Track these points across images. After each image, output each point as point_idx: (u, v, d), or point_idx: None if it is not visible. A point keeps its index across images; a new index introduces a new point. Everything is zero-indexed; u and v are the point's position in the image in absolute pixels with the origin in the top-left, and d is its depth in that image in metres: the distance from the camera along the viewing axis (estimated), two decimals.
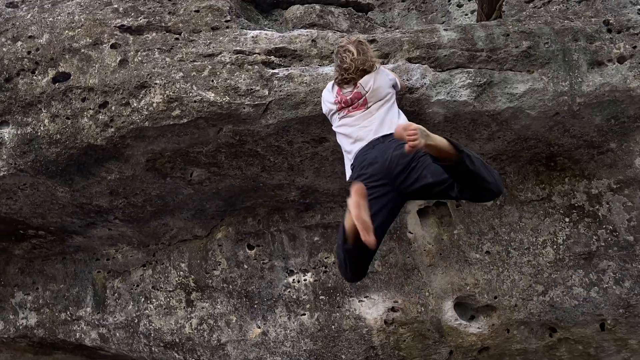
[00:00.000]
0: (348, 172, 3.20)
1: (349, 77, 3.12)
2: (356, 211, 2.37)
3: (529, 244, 4.12)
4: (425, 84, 3.52)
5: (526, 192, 4.16)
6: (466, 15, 4.99)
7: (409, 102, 3.51)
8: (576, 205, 4.07)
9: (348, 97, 3.14)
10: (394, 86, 3.27)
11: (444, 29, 3.72)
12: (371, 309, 4.37)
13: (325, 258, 4.47)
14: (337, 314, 4.40)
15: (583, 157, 4.00)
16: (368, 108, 3.12)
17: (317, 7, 4.11)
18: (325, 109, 3.35)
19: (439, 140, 2.46)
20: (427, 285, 4.29)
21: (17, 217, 4.33)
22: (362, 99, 3.12)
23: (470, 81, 3.55)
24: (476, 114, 3.59)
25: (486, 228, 4.22)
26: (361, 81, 3.12)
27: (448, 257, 4.27)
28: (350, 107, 3.14)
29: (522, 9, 4.50)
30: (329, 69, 3.54)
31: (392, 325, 4.29)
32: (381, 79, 3.17)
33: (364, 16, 4.34)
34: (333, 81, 3.29)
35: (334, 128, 3.30)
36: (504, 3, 4.12)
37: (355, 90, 3.13)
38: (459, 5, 5.11)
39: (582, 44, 3.62)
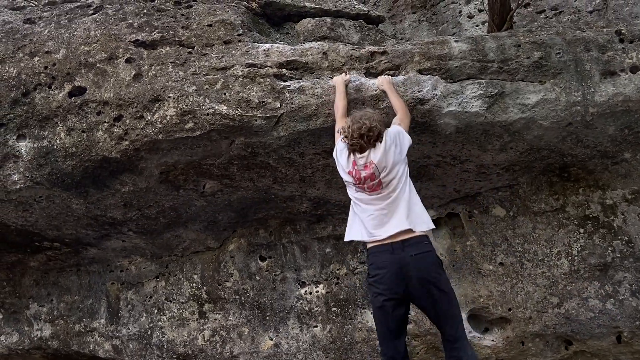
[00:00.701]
0: (351, 231, 3.20)
1: (357, 147, 3.07)
2: None
3: (543, 255, 4.08)
4: (436, 95, 3.52)
5: (540, 203, 4.13)
6: (477, 26, 5.01)
7: (420, 113, 3.51)
8: (591, 216, 4.02)
9: (362, 175, 3.06)
10: (403, 147, 3.15)
11: (455, 41, 3.73)
12: None
13: (337, 270, 4.47)
14: (350, 326, 4.38)
15: (597, 168, 3.96)
16: (383, 190, 3.05)
17: (328, 20, 4.14)
18: (339, 169, 3.24)
19: None
20: None
21: (33, 229, 4.38)
22: (376, 181, 3.04)
23: (482, 92, 3.54)
24: (488, 124, 3.59)
25: (499, 239, 4.19)
26: (372, 158, 3.05)
27: (461, 269, 4.24)
28: (366, 187, 3.08)
29: (534, 20, 4.50)
30: None
31: None
32: (391, 153, 3.07)
33: (374, 28, 4.36)
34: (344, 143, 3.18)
35: (349, 193, 3.23)
36: (515, 14, 4.13)
37: (369, 172, 3.05)
38: (470, 17, 5.13)
39: (594, 54, 3.60)
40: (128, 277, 4.88)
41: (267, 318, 4.54)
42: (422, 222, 3.05)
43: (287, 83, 3.56)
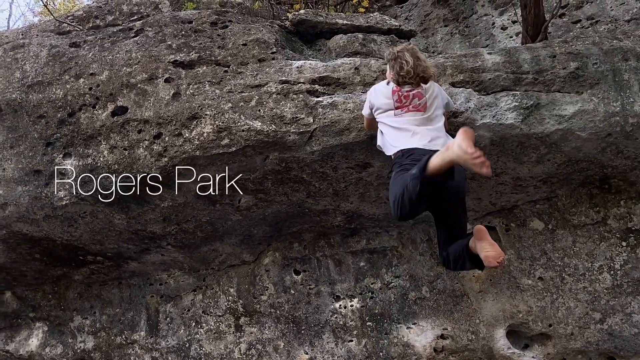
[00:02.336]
0: (387, 146, 3.14)
1: (408, 81, 3.09)
2: (466, 143, 2.48)
3: (584, 269, 3.97)
4: (469, 107, 3.51)
5: (579, 216, 4.03)
6: (511, 37, 4.97)
7: (454, 126, 3.49)
8: (633, 229, 3.90)
9: (410, 95, 3.08)
10: (447, 104, 3.30)
11: (488, 53, 3.71)
12: (420, 336, 4.30)
13: (372, 284, 4.46)
14: (385, 341, 4.35)
15: (639, 179, 3.85)
16: (427, 113, 3.08)
17: (360, 35, 4.19)
18: (376, 102, 3.21)
19: None
20: (478, 312, 4.19)
21: (78, 244, 4.55)
22: (423, 100, 3.08)
23: (517, 104, 3.51)
24: (524, 136, 3.54)
25: (538, 253, 4.10)
26: (423, 85, 3.11)
27: (499, 283, 4.17)
28: (411, 106, 3.08)
29: (569, 30, 4.44)
30: None
31: (442, 353, 4.20)
32: (440, 90, 3.24)
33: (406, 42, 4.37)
34: (387, 80, 3.22)
35: (382, 119, 3.19)
36: (549, 25, 4.08)
37: (417, 90, 3.09)
38: (503, 28, 5.09)
39: (632, 64, 3.52)
40: (167, 290, 4.99)
41: (302, 332, 4.55)
42: None
43: (320, 99, 3.62)
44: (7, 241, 4.44)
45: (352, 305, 4.48)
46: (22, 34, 4.63)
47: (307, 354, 4.52)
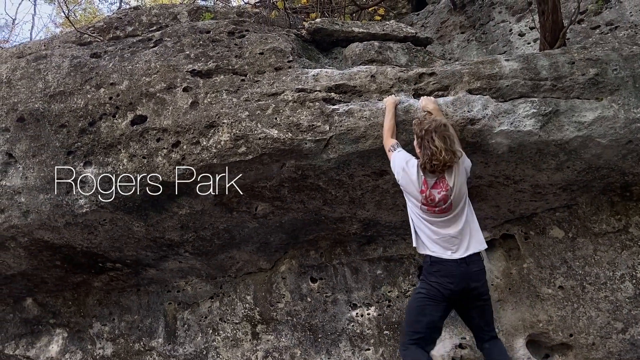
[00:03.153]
0: (417, 241, 3.35)
1: (436, 169, 3.13)
2: None
3: (605, 278, 3.89)
4: (487, 114, 3.48)
5: (600, 224, 3.96)
6: (529, 44, 4.93)
7: (471, 133, 3.48)
8: None
9: (435, 197, 3.17)
10: (467, 171, 3.29)
11: (505, 59, 3.69)
12: (438, 345, 4.24)
13: (389, 292, 4.43)
14: None
15: None
16: (451, 212, 3.20)
17: (376, 43, 4.19)
18: (401, 179, 3.28)
19: None
20: (497, 321, 4.13)
21: (97, 251, 4.61)
22: (448, 203, 3.17)
23: (535, 110, 3.47)
24: (542, 143, 3.50)
25: (558, 262, 4.04)
26: (448, 179, 3.16)
27: (518, 292, 4.11)
28: (436, 209, 3.19)
29: (588, 36, 4.39)
30: None
31: None
32: (462, 176, 3.22)
33: (422, 50, 4.37)
34: (415, 160, 3.24)
35: (408, 200, 3.33)
36: (567, 31, 4.04)
37: (443, 193, 3.15)
38: (521, 35, 5.05)
39: None
40: (184, 297, 5.02)
41: (319, 340, 4.54)
42: (480, 243, 3.27)
43: (336, 106, 3.63)
44: (29, 248, 4.52)
45: (369, 314, 4.45)
46: (44, 45, 4.74)
47: None
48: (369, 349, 4.38)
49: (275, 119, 3.68)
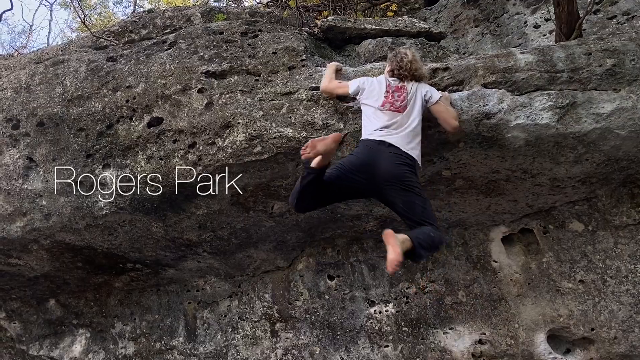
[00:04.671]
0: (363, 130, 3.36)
1: (402, 73, 3.39)
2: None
3: (627, 271, 3.84)
4: (503, 108, 3.45)
5: (621, 217, 3.90)
6: (544, 36, 4.86)
7: (487, 128, 3.45)
8: None
9: (396, 97, 3.33)
10: (431, 95, 3.37)
11: (520, 52, 3.65)
12: (457, 341, 4.24)
13: (407, 288, 4.42)
14: (422, 346, 4.31)
15: None
16: (403, 114, 3.28)
17: (389, 39, 4.18)
18: (368, 88, 3.42)
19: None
20: (516, 316, 4.10)
21: (117, 252, 4.68)
22: (403, 103, 3.32)
23: (552, 103, 3.43)
24: (560, 136, 3.46)
25: (578, 255, 3.99)
26: (407, 85, 3.37)
27: (537, 287, 4.07)
28: (392, 106, 3.32)
29: (604, 26, 4.32)
30: None
31: (480, 359, 4.13)
32: (422, 90, 3.38)
33: (436, 45, 4.35)
34: (380, 76, 3.48)
35: (366, 104, 3.39)
36: (583, 21, 3.98)
37: (403, 95, 3.34)
38: (536, 27, 4.99)
39: None
40: (204, 296, 5.07)
41: (338, 337, 4.55)
42: (410, 149, 3.22)
43: (350, 104, 3.63)
44: (51, 250, 4.61)
45: (387, 311, 4.45)
46: (61, 50, 4.81)
47: (343, 359, 4.52)
48: (387, 346, 4.38)
49: (290, 117, 3.69)
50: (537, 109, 3.45)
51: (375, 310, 4.49)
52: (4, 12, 5.83)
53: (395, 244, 2.78)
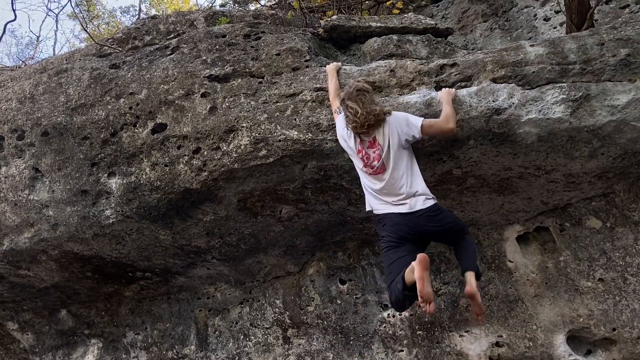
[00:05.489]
0: (368, 204, 3.37)
1: (363, 130, 3.20)
2: (420, 285, 2.75)
3: None
4: (513, 103, 3.35)
5: None
6: (555, 28, 4.74)
7: (497, 124, 3.35)
8: None
9: (371, 156, 3.23)
10: (411, 131, 3.22)
11: (530, 45, 3.54)
12: (473, 344, 4.12)
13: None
14: (437, 350, 4.19)
15: None
16: (388, 170, 3.19)
17: (395, 37, 4.09)
18: (342, 143, 3.36)
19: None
20: (534, 317, 3.98)
21: (126, 261, 4.64)
22: (380, 163, 3.20)
23: (564, 96, 3.32)
24: (573, 130, 3.35)
25: (597, 253, 3.86)
26: (378, 138, 3.21)
27: (555, 287, 3.95)
28: (372, 170, 3.24)
29: (617, 16, 4.19)
30: (409, 97, 3.49)
31: None
32: (395, 136, 3.20)
33: (443, 41, 4.25)
34: (346, 124, 3.29)
35: (348, 151, 3.36)
36: (595, 11, 3.86)
37: (377, 152, 3.21)
38: (546, 19, 4.87)
39: None
40: (214, 303, 5.01)
41: (351, 342, 4.46)
42: (427, 199, 3.21)
43: None
44: (60, 260, 4.58)
45: (400, 314, 4.35)
46: (66, 59, 4.80)
47: None
48: (402, 350, 4.28)
49: (295, 119, 3.62)
50: (549, 102, 3.34)
51: (388, 314, 4.39)
52: (7, 22, 5.86)
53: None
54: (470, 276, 3.15)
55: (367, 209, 3.39)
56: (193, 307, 5.12)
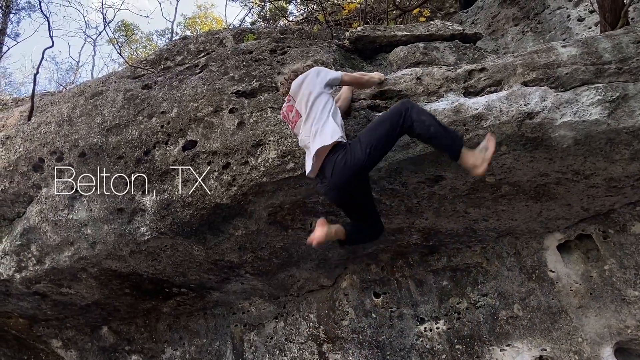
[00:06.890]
0: (307, 166, 3.22)
1: (284, 91, 3.38)
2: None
3: None
4: (546, 106, 3.23)
5: None
6: (589, 29, 4.59)
7: (530, 128, 3.23)
8: None
9: (286, 113, 3.33)
10: (328, 81, 3.22)
11: (562, 46, 3.42)
12: (516, 358, 3.96)
13: (457, 304, 4.19)
14: None
15: None
16: (301, 117, 3.19)
17: (421, 45, 4.03)
18: None
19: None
20: (579, 329, 3.79)
21: (162, 277, 4.70)
22: (294, 112, 3.26)
23: (600, 97, 3.19)
24: (612, 132, 3.20)
25: None
26: (290, 91, 3.30)
27: (601, 297, 3.76)
28: (291, 123, 3.31)
29: None
30: (437, 105, 3.42)
31: None
32: (308, 82, 3.20)
33: (471, 47, 4.16)
34: None
35: None
36: (629, 9, 3.71)
37: (288, 104, 3.32)
38: (580, 20, 4.72)
39: None
40: (249, 318, 5.01)
41: (388, 357, 4.36)
42: (324, 139, 3.08)
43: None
44: (99, 278, 4.69)
45: (437, 328, 4.23)
46: (102, 82, 4.95)
47: None
48: None
49: None
50: (584, 104, 3.21)
51: (425, 328, 4.27)
52: (45, 49, 6.10)
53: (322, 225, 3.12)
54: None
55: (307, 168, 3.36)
56: (229, 322, 5.13)
